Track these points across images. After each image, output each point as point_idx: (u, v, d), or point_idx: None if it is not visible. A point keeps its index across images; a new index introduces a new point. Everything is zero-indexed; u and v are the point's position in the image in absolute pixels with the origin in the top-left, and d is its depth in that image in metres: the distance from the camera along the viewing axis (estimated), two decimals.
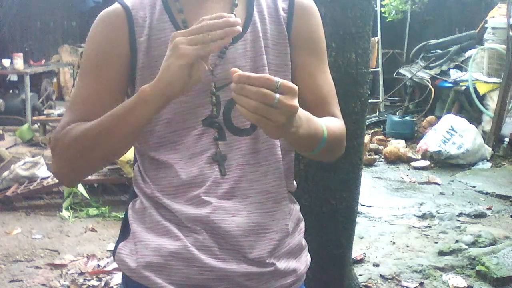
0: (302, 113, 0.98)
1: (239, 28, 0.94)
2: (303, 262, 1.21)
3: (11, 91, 7.82)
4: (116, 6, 1.14)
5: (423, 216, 4.39)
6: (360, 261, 3.52)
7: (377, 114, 7.69)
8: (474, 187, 5.14)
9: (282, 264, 1.14)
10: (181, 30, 1.11)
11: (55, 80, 8.94)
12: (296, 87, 0.92)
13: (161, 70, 0.97)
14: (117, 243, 1.18)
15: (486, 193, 4.96)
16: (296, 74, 1.16)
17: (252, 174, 1.12)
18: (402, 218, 4.38)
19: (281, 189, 1.16)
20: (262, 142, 1.13)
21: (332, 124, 1.13)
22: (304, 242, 1.23)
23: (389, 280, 3.31)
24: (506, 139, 6.12)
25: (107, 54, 1.11)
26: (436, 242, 3.86)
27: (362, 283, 3.18)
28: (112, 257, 3.44)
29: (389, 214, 4.46)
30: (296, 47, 1.18)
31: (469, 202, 4.74)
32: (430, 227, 4.18)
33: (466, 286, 3.22)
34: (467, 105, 6.87)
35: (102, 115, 1.09)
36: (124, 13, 1.12)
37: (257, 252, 1.10)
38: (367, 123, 5.51)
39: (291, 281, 1.17)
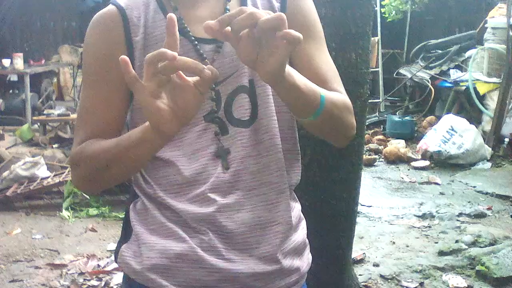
0: (291, 68, 0.97)
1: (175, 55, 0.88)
2: (306, 260, 1.22)
3: (11, 91, 7.83)
4: (110, 7, 1.13)
5: (423, 216, 4.39)
6: (360, 261, 3.52)
7: (377, 114, 7.69)
8: (474, 187, 5.14)
9: (287, 262, 1.14)
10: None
11: (55, 80, 8.94)
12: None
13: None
14: (118, 245, 1.17)
15: (486, 193, 4.96)
16: (294, 61, 1.15)
17: (255, 166, 1.12)
18: (402, 218, 4.38)
19: (284, 179, 1.15)
20: (263, 133, 1.13)
21: (331, 93, 1.11)
22: (306, 240, 1.24)
23: (389, 280, 3.31)
24: (506, 139, 6.12)
25: (107, 57, 1.10)
26: (436, 242, 3.86)
27: (362, 283, 3.18)
28: (112, 257, 3.47)
29: (389, 214, 4.46)
30: None
31: (469, 202, 4.74)
32: (430, 227, 4.19)
33: (466, 286, 3.22)
34: (467, 105, 6.87)
35: (113, 121, 1.11)
36: (118, 13, 1.12)
37: (264, 247, 1.10)
38: (367, 123, 5.53)
39: (295, 279, 1.17)
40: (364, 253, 3.63)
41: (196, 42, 1.11)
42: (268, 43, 0.89)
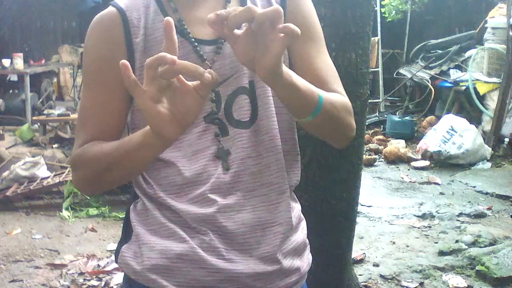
0: (289, 69, 0.98)
1: (174, 58, 0.88)
2: (306, 260, 1.22)
3: (11, 91, 7.82)
4: (110, 9, 1.13)
5: (423, 216, 4.39)
6: (360, 261, 3.52)
7: (377, 114, 7.70)
8: (474, 187, 5.14)
9: (287, 262, 1.15)
10: (177, 29, 1.11)
11: (55, 80, 8.94)
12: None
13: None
14: (119, 246, 1.17)
15: (486, 193, 4.96)
16: (294, 62, 1.16)
17: (255, 167, 1.12)
18: (402, 218, 4.38)
19: (284, 179, 1.15)
20: (263, 134, 1.13)
21: (330, 93, 1.11)
22: (306, 240, 1.24)
23: (389, 280, 3.31)
24: (506, 139, 6.12)
25: (107, 58, 1.10)
26: (436, 242, 3.86)
27: (362, 283, 3.18)
28: (112, 257, 3.47)
29: (389, 214, 4.46)
30: None
31: (469, 202, 4.74)
32: (430, 227, 4.19)
33: (466, 286, 3.22)
34: (467, 105, 6.87)
35: (113, 122, 1.11)
36: (118, 15, 1.12)
37: (265, 248, 1.11)
38: (367, 123, 5.53)
39: (295, 279, 1.17)
40: (364, 253, 3.63)
41: (196, 44, 1.11)
42: (264, 37, 0.89)
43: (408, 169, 5.82)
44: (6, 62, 7.48)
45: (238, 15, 0.87)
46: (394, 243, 3.87)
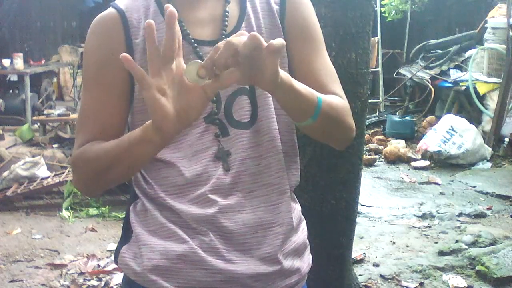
0: (286, 73, 0.99)
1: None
2: (306, 261, 1.22)
3: (11, 91, 7.82)
4: (110, 10, 1.14)
5: (423, 216, 4.39)
6: (360, 261, 3.52)
7: (377, 114, 7.69)
8: (474, 187, 5.14)
9: (288, 263, 1.15)
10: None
11: (55, 80, 8.94)
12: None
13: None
14: (118, 246, 1.17)
15: (486, 193, 4.96)
16: (293, 64, 1.16)
17: (255, 168, 1.12)
18: (402, 218, 4.38)
19: (284, 180, 1.16)
20: (263, 134, 1.13)
21: (329, 95, 1.12)
22: (307, 241, 1.24)
23: (389, 280, 3.31)
24: (506, 139, 6.12)
25: (107, 58, 1.10)
26: (436, 242, 3.86)
27: (362, 283, 3.18)
28: (112, 257, 3.47)
29: (389, 214, 4.46)
30: (290, 37, 1.17)
31: (469, 202, 4.74)
32: (430, 227, 4.19)
33: (466, 286, 3.22)
34: (467, 105, 6.87)
35: (113, 123, 1.12)
36: (118, 16, 1.12)
37: (265, 248, 1.11)
38: (367, 123, 5.53)
39: (295, 280, 1.17)
40: (364, 253, 3.63)
41: (196, 44, 1.11)
42: (254, 60, 0.91)
43: (408, 169, 5.82)
44: (6, 62, 7.48)
45: (221, 54, 0.90)
46: (394, 243, 3.87)
